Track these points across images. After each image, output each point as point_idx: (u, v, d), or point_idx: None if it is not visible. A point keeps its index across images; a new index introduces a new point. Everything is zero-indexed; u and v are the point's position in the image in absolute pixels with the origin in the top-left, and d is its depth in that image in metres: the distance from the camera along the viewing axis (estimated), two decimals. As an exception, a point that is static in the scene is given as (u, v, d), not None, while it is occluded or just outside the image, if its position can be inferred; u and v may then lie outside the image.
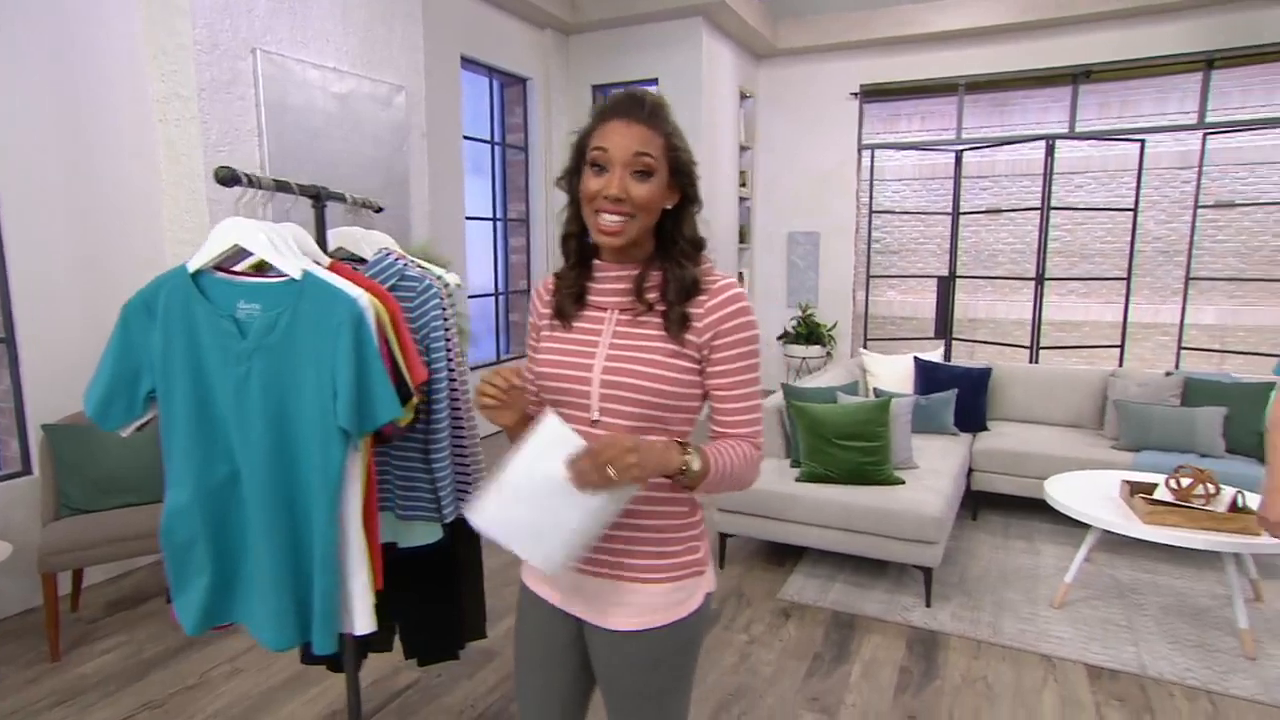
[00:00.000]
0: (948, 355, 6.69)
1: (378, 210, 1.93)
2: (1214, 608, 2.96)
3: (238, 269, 1.39)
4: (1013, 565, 3.39)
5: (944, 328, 7.11)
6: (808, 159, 7.30)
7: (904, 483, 3.20)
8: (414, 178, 4.34)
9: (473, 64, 5.48)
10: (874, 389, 4.40)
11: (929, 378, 4.38)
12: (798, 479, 3.29)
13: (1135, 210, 6.34)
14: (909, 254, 11.92)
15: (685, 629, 1.13)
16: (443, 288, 1.76)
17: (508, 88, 6.13)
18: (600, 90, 6.50)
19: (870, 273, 7.50)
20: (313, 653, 1.36)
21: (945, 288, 7.10)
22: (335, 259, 1.54)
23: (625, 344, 1.10)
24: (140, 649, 2.68)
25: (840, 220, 7.27)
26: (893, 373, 4.50)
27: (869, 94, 7.02)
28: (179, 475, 1.36)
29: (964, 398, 4.18)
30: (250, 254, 1.35)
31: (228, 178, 1.38)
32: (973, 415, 4.22)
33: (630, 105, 1.06)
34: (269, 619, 1.34)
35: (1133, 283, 7.81)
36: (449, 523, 1.78)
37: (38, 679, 2.50)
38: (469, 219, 5.50)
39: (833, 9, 6.76)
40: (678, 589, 1.12)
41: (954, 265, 6.95)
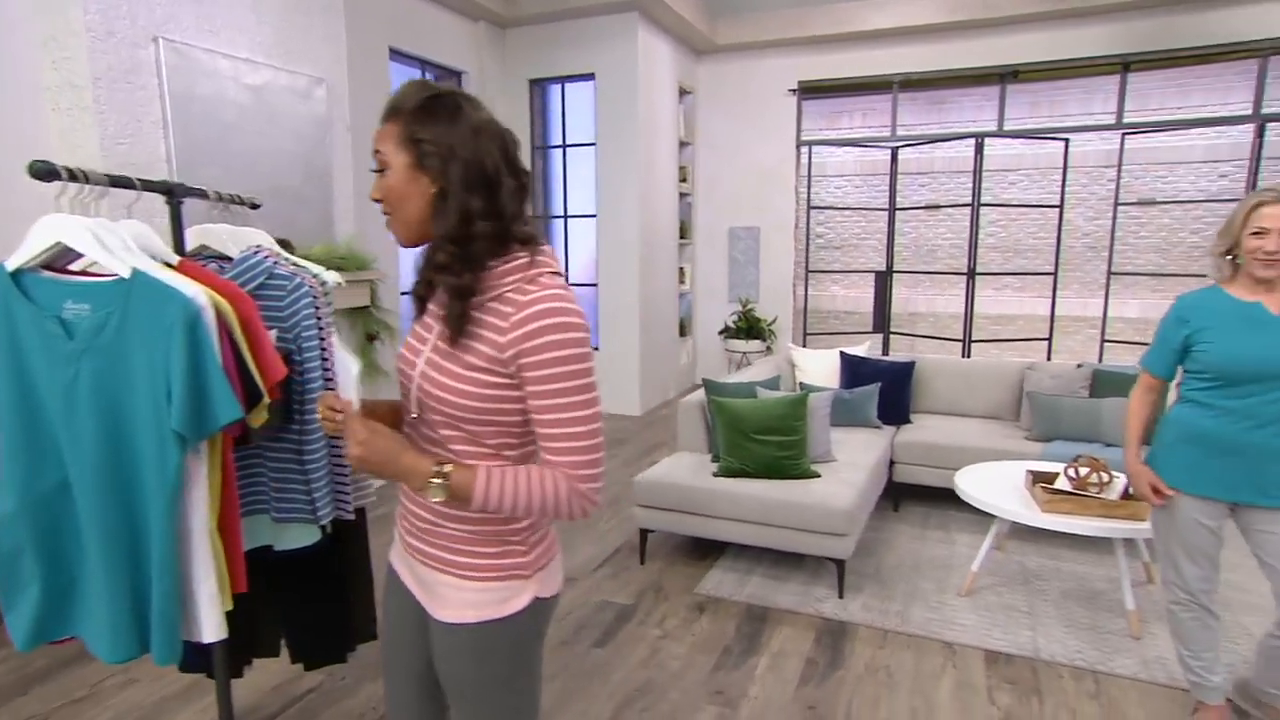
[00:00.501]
0: (885, 349, 6.83)
1: (254, 207, 1.87)
2: (1108, 591, 3.07)
3: (73, 268, 1.33)
4: (928, 555, 3.47)
5: (882, 322, 7.24)
6: (748, 155, 7.35)
7: (820, 476, 3.25)
8: (337, 172, 4.25)
9: (403, 56, 5.38)
10: (800, 383, 4.45)
11: (855, 372, 4.45)
12: (716, 474, 3.31)
13: (1061, 207, 6.54)
14: (851, 249, 12.11)
15: (505, 630, 1.12)
16: (318, 286, 1.72)
17: (441, 81, 6.03)
18: (536, 85, 6.45)
19: (810, 268, 7.59)
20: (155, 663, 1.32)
21: (882, 283, 7.23)
22: (191, 258, 1.49)
23: (442, 350, 1.08)
24: (27, 661, 2.57)
25: (780, 216, 7.35)
26: (820, 367, 4.56)
27: (807, 91, 7.10)
28: (3, 484, 1.29)
29: (888, 391, 4.26)
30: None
31: (44, 172, 1.32)
32: (897, 408, 4.30)
33: (387, 107, 1.05)
34: (104, 630, 1.29)
35: (1060, 277, 8.06)
36: (330, 524, 1.75)
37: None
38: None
39: (770, 6, 6.80)
40: (495, 589, 1.12)
41: (891, 260, 7.08)
